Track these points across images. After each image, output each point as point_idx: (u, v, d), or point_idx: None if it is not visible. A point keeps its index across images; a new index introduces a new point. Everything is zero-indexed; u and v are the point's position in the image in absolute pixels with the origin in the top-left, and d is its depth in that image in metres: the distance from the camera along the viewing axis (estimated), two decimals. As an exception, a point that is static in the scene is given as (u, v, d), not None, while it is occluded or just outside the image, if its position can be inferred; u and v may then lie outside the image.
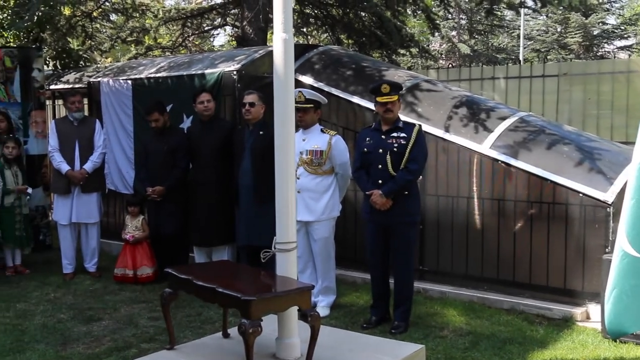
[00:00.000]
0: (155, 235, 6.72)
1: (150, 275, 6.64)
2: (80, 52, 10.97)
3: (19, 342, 5.00)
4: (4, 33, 10.15)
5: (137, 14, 10.73)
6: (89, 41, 10.81)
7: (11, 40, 10.22)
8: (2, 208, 6.83)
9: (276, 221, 4.13)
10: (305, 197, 5.49)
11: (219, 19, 11.67)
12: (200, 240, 6.41)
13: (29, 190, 7.23)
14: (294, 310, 3.97)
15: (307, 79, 6.99)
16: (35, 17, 8.16)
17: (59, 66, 10.49)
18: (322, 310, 5.44)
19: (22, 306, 5.95)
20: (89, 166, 6.78)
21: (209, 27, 12.18)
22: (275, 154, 4.13)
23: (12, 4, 10.04)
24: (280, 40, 4.04)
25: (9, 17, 10.05)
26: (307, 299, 3.88)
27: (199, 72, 7.05)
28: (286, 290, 3.79)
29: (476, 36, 27.47)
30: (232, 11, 11.20)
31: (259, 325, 3.59)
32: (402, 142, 5.06)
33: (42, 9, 8.01)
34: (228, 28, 12.91)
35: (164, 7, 11.54)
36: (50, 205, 8.44)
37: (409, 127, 5.19)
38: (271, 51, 7.11)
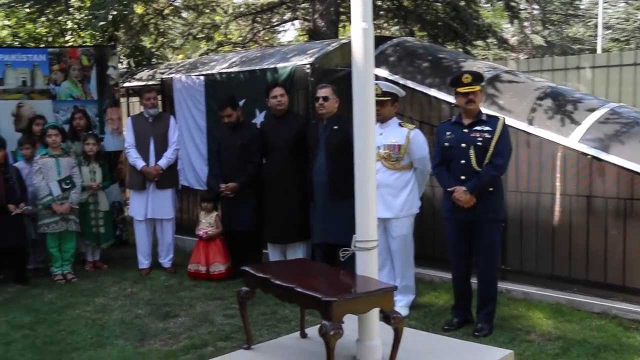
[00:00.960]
0: (228, 231, 6.67)
1: (223, 272, 6.60)
2: (153, 50, 11.10)
3: (99, 336, 5.04)
4: (80, 33, 10.36)
5: (208, 10, 10.78)
6: (161, 38, 10.92)
7: (87, 40, 10.42)
8: (80, 205, 6.92)
9: (356, 219, 3.97)
10: (383, 193, 5.31)
11: (289, 13, 11.61)
12: (274, 237, 6.33)
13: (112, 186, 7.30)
14: (375, 312, 3.82)
15: (381, 72, 6.80)
16: (110, 17, 8.25)
17: (132, 64, 10.63)
18: (401, 310, 5.25)
19: (101, 301, 6.02)
20: (163, 162, 6.79)
21: (279, 22, 12.13)
22: (354, 149, 3.96)
23: (88, 4, 10.22)
24: (360, 30, 3.86)
25: (85, 18, 10.25)
26: (390, 301, 3.72)
27: (271, 66, 6.96)
28: (368, 291, 3.65)
29: (549, 26, 26.61)
30: (302, 5, 11.11)
31: (340, 327, 3.46)
32: (487, 136, 4.82)
33: (117, 7, 8.09)
34: (297, 22, 12.85)
35: (234, 3, 11.56)
36: (125, 201, 8.55)
37: (492, 120, 4.95)
38: (345, 44, 7.06)
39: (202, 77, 7.63)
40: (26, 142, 7.06)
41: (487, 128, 4.87)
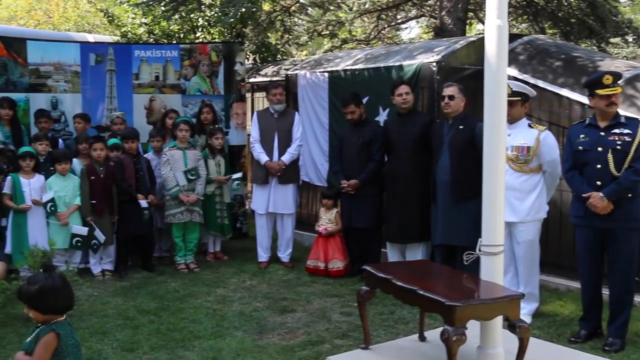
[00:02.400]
0: (347, 227, 6.66)
1: (341, 269, 6.60)
2: (278, 46, 11.29)
3: (219, 327, 5.15)
4: (210, 30, 10.69)
5: (333, 7, 10.82)
6: (287, 35, 11.09)
7: (216, 36, 10.74)
8: (205, 196, 7.13)
9: (482, 222, 3.83)
10: (509, 196, 5.09)
11: (415, 10, 11.46)
12: (394, 236, 6.26)
13: (237, 176, 7.45)
14: (499, 319, 3.68)
15: (510, 71, 6.52)
16: (239, 14, 8.46)
17: (257, 60, 10.85)
18: (524, 318, 5.02)
19: (221, 292, 6.17)
20: (286, 158, 6.87)
21: (405, 19, 12.00)
22: (484, 151, 3.82)
23: (218, 2, 10.54)
24: (494, 27, 3.72)
25: (215, 15, 10.57)
26: (516, 309, 3.57)
27: (397, 63, 6.87)
28: (494, 298, 3.51)
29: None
30: (429, 2, 10.94)
31: (464, 333, 3.36)
32: (627, 139, 4.51)
33: (245, 5, 8.28)
34: (423, 19, 12.66)
35: (359, 0, 11.56)
36: (247, 195, 8.74)
37: (632, 122, 4.63)
38: (473, 42, 6.87)
39: (326, 74, 7.67)
40: (157, 134, 7.36)
41: (626, 131, 4.56)
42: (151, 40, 10.80)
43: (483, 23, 11.67)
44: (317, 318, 5.35)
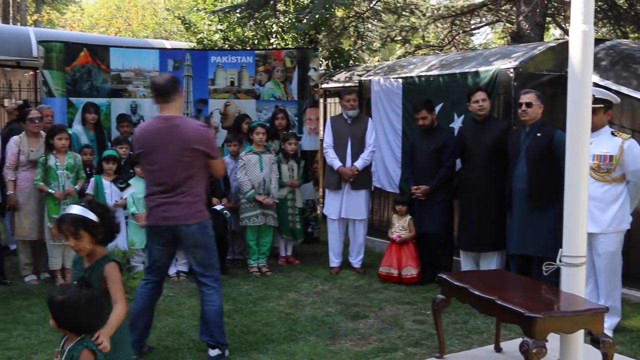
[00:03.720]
0: (418, 233, 6.61)
1: (414, 277, 6.54)
2: (351, 52, 11.32)
3: (292, 331, 5.19)
4: (284, 36, 10.82)
5: (407, 13, 10.77)
6: (360, 41, 11.10)
7: (290, 42, 10.86)
8: (278, 200, 7.20)
9: (563, 232, 3.73)
10: (590, 206, 4.90)
11: (489, 15, 11.28)
12: (467, 244, 6.17)
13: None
14: (581, 333, 3.57)
15: (592, 77, 6.35)
16: (313, 20, 8.52)
17: (330, 66, 10.91)
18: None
19: (293, 296, 6.21)
20: (359, 163, 6.87)
21: (481, 24, 11.82)
22: (566, 159, 3.72)
23: (292, 8, 10.67)
24: (579, 32, 3.62)
25: (289, 21, 10.70)
26: (600, 323, 3.46)
27: (473, 70, 6.78)
28: (576, 311, 3.41)
29: None
30: (504, 7, 10.74)
31: (544, 345, 3.27)
32: None
33: (320, 11, 8.33)
34: (497, 25, 12.44)
35: (432, 6, 11.46)
36: (319, 200, 8.79)
37: None
38: (552, 47, 6.71)
39: (400, 80, 7.64)
40: (233, 139, 7.48)
41: None
42: (226, 46, 11.01)
43: (561, 28, 11.40)
44: (390, 325, 5.32)
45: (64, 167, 6.48)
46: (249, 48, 10.63)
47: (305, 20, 8.60)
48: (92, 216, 3.03)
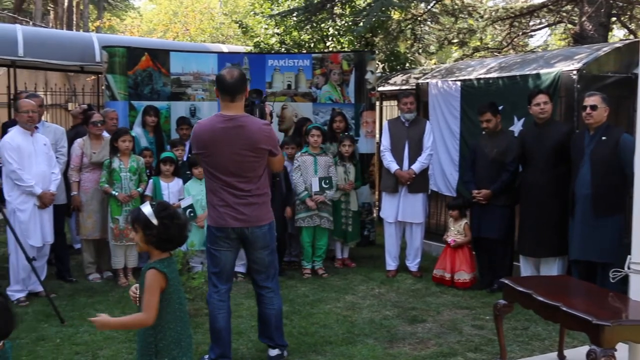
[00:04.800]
0: (477, 238, 6.53)
1: (467, 282, 6.47)
2: (407, 55, 11.26)
3: (350, 333, 5.19)
4: (340, 39, 10.83)
5: (465, 15, 10.65)
6: (417, 44, 11.03)
7: (346, 45, 10.87)
8: (332, 202, 7.21)
9: (632, 238, 3.64)
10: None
11: (549, 16, 11.05)
12: (528, 249, 6.05)
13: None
14: (650, 343, 3.46)
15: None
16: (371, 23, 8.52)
17: (386, 68, 10.88)
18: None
19: (350, 298, 6.21)
20: (417, 167, 6.83)
21: (541, 26, 11.58)
22: (635, 163, 3.61)
23: (348, 12, 10.68)
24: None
25: (345, 24, 10.71)
26: (672, 333, 3.34)
27: (534, 72, 6.66)
28: (647, 319, 3.30)
29: None
30: (565, 8, 10.51)
31: (613, 355, 3.19)
32: None
33: (377, 14, 8.32)
34: (558, 26, 12.17)
35: (490, 7, 11.30)
36: (375, 203, 8.77)
37: None
38: (618, 48, 6.54)
39: (458, 83, 7.56)
40: (291, 142, 7.52)
41: None
42: (282, 49, 11.09)
43: (627, 28, 11.08)
44: (448, 329, 5.28)
45: (127, 170, 6.64)
46: (304, 51, 10.68)
47: (362, 23, 8.60)
48: (152, 218, 3.06)
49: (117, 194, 6.58)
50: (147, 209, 3.08)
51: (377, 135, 9.08)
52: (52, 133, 6.66)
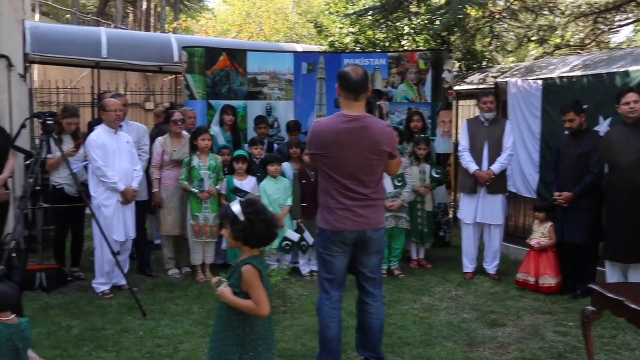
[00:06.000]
0: (560, 242, 6.32)
1: (553, 286, 6.27)
2: (485, 53, 11.04)
3: (428, 335, 5.12)
4: (416, 38, 10.73)
5: (546, 12, 10.35)
6: (495, 42, 10.80)
7: (421, 44, 10.75)
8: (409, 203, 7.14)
9: None
10: None
11: (638, 11, 10.59)
12: (614, 254, 5.80)
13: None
14: None
15: None
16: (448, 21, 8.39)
17: (463, 67, 10.70)
18: None
19: (427, 300, 6.13)
20: (496, 167, 6.68)
21: (628, 22, 11.11)
22: None
23: (424, 10, 10.56)
24: None
25: (421, 23, 10.60)
26: None
27: (622, 70, 6.41)
28: None
29: None
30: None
31: None
32: None
33: (455, 12, 8.18)
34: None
35: (573, 3, 10.95)
36: (450, 204, 8.64)
37: None
38: None
39: (539, 82, 7.36)
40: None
41: None
42: (357, 49, 11.07)
43: None
44: (530, 335, 5.13)
45: (206, 168, 6.75)
46: (379, 50, 10.62)
47: (438, 22, 8.48)
48: (240, 214, 3.09)
49: (196, 191, 6.71)
50: (235, 206, 3.12)
51: (455, 135, 8.94)
52: (135, 131, 6.85)
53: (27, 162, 7.12)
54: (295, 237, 6.92)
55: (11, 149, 6.43)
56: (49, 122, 5.63)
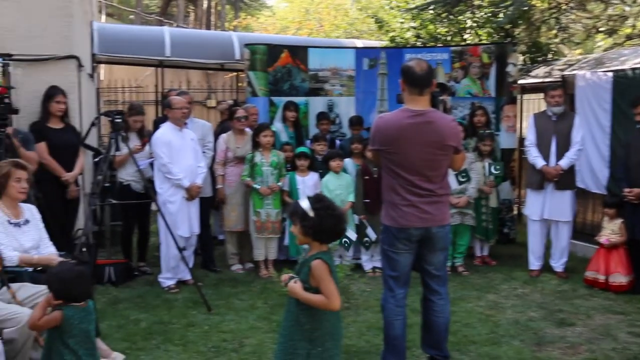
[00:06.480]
0: (631, 239, 6.12)
1: (624, 285, 6.07)
2: (550, 45, 10.76)
3: (494, 333, 5.04)
4: (478, 31, 10.54)
5: (616, 1, 9.98)
6: (561, 33, 10.50)
7: (484, 37, 10.56)
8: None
9: None
10: None
11: None
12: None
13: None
14: None
15: None
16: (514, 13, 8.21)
17: (527, 60, 10.45)
18: None
19: (492, 297, 6.03)
20: (564, 162, 6.50)
21: None
22: None
23: (487, 3, 10.35)
24: None
25: (483, 16, 10.40)
26: None
27: (699, 60, 6.15)
28: None
29: None
30: None
31: None
32: None
33: (521, 3, 8.00)
34: None
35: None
36: (515, 200, 8.46)
37: None
38: None
39: (609, 74, 7.12)
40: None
41: None
42: (418, 43, 10.94)
43: None
44: (601, 335, 4.99)
45: (268, 164, 6.80)
46: (441, 45, 10.48)
47: (502, 15, 8.30)
48: (309, 210, 3.11)
49: (259, 187, 6.76)
50: (304, 202, 3.13)
51: (519, 130, 8.74)
52: (199, 128, 6.94)
53: (96, 160, 7.30)
54: (354, 236, 6.91)
55: (81, 147, 6.63)
56: (117, 120, 5.75)
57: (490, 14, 10.04)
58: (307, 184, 7.00)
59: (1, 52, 6.58)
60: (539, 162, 6.59)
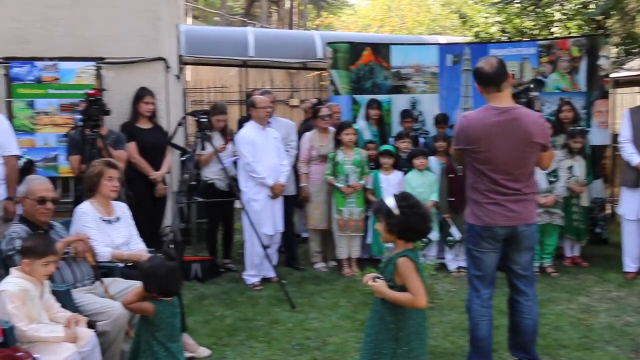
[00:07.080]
0: None
1: None
2: (648, 37, 10.27)
3: (586, 338, 4.85)
4: (567, 24, 10.18)
5: None
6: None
7: (573, 30, 10.18)
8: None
9: None
10: None
11: None
12: None
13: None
14: None
15: None
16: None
17: (621, 53, 10.00)
18: None
19: (584, 300, 5.80)
20: (653, 158, 6.19)
21: None
22: None
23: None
24: None
25: (573, 8, 10.03)
26: None
27: None
28: None
29: None
30: None
31: None
32: None
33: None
34: None
35: None
36: (608, 198, 8.11)
37: None
38: None
39: None
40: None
41: None
42: (504, 38, 10.66)
43: None
44: (703, 343, 4.70)
45: (350, 162, 6.78)
46: (527, 39, 10.17)
47: (594, 5, 7.96)
48: (394, 208, 3.09)
49: (341, 186, 6.75)
50: (389, 199, 3.11)
51: (611, 126, 8.38)
52: (283, 127, 7.00)
53: (183, 158, 7.48)
54: (435, 237, 6.80)
55: (168, 146, 6.80)
56: (202, 120, 5.86)
57: (580, 6, 9.66)
58: (390, 182, 6.94)
59: (94, 56, 6.86)
60: (635, 159, 6.28)
